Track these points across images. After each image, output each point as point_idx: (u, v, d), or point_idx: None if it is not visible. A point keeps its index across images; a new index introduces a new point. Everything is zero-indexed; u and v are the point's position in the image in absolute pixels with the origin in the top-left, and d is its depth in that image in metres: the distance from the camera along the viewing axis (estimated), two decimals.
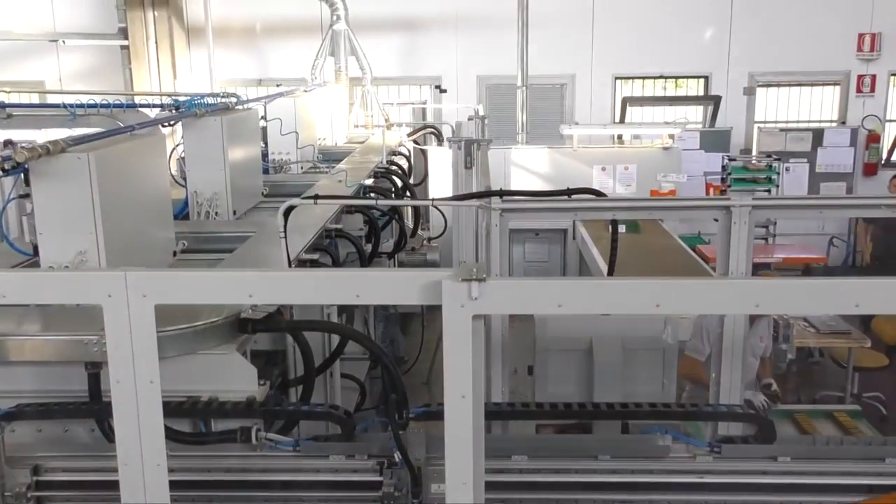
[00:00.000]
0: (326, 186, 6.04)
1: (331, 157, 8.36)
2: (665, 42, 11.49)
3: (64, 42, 9.70)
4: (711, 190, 11.22)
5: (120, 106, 5.83)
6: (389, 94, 11.92)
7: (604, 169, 9.60)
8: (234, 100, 5.90)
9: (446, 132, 9.70)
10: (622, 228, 8.95)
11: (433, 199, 3.61)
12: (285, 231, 3.55)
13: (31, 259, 3.62)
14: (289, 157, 7.15)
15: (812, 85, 11.72)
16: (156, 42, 11.05)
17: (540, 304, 2.25)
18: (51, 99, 11.40)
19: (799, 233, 11.57)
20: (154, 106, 5.84)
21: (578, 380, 3.77)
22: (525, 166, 9.64)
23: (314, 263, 4.05)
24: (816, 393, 7.13)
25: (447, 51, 11.64)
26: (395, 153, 8.52)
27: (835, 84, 11.64)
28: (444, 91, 11.76)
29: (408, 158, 8.93)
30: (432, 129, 10.14)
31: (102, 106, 5.82)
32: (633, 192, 9.64)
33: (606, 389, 3.75)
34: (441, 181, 10.09)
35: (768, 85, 11.71)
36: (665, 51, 11.51)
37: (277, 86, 8.06)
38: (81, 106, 5.81)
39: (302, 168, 7.27)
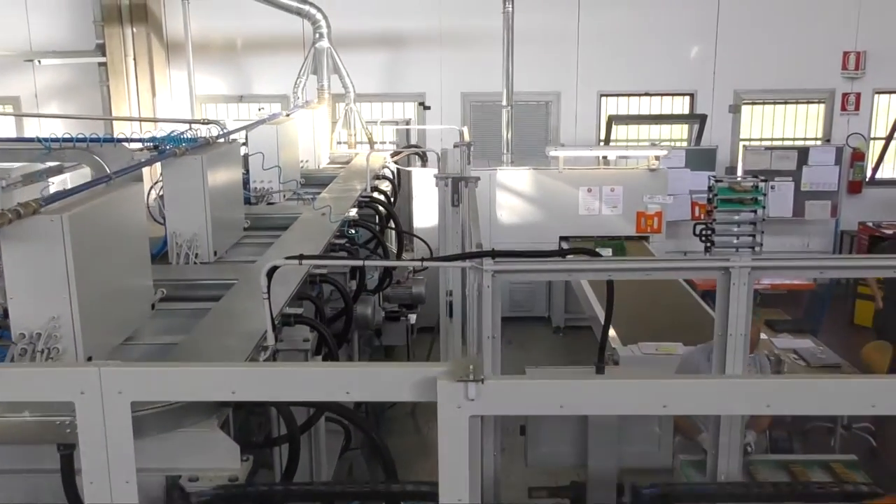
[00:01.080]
0: (310, 220, 5.90)
1: (314, 182, 8.22)
2: (650, 59, 11.43)
3: (39, 62, 9.49)
4: (697, 208, 11.17)
5: (97, 140, 5.70)
6: (373, 111, 11.77)
7: (590, 191, 9.52)
8: (215, 132, 5.75)
9: (431, 159, 9.57)
10: (608, 252, 8.94)
11: (423, 259, 3.48)
12: (269, 292, 3.40)
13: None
14: (271, 186, 6.99)
15: (797, 102, 11.69)
16: (134, 59, 10.84)
17: (541, 406, 2.14)
18: (26, 122, 11.20)
19: (784, 250, 11.56)
20: (132, 140, 5.69)
21: (573, 440, 3.65)
22: (510, 187, 9.55)
23: (298, 318, 3.92)
24: (806, 424, 7.05)
25: (431, 67, 11.52)
26: (378, 177, 8.40)
27: (819, 102, 11.62)
28: (428, 108, 11.64)
29: (392, 181, 8.81)
30: (416, 150, 10.01)
31: (78, 140, 5.69)
32: (618, 214, 9.57)
33: (602, 450, 3.64)
34: (425, 203, 9.98)
35: (753, 102, 11.67)
36: (650, 68, 11.45)
37: (259, 109, 7.90)
38: (57, 140, 5.68)
39: (285, 196, 7.11)
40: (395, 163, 9.49)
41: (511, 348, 8.23)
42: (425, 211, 9.83)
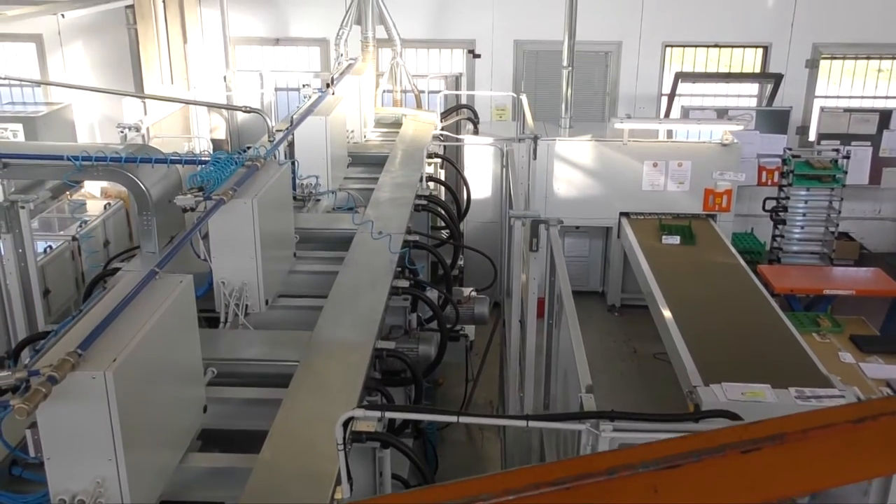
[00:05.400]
0: (365, 247, 5.32)
1: (361, 161, 7.65)
2: (721, 8, 10.45)
3: (63, 16, 8.76)
4: (765, 174, 10.44)
5: (132, 160, 5.15)
6: (418, 59, 10.97)
7: (655, 165, 8.80)
8: (262, 150, 5.15)
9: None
10: (676, 240, 8.32)
11: (528, 417, 2.96)
12: (344, 444, 2.92)
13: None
14: (317, 183, 6.39)
15: (881, 58, 10.72)
16: (163, 0, 10.05)
17: None
18: (49, 61, 10.54)
19: (854, 216, 10.87)
20: (172, 161, 5.13)
21: None
22: (570, 160, 8.85)
23: (370, 436, 3.43)
24: None
25: (482, 12, 10.63)
26: (430, 155, 7.79)
27: None
28: (478, 56, 10.81)
29: (444, 158, 8.19)
30: (467, 113, 9.30)
31: (112, 159, 5.14)
32: (685, 191, 8.88)
33: None
34: (478, 173, 9.36)
35: (833, 57, 10.71)
36: (721, 17, 10.49)
37: (304, 86, 7.20)
38: (88, 158, 5.13)
39: (335, 195, 6.52)
40: (444, 128, 8.86)
41: None
42: (479, 183, 9.23)
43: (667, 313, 6.68)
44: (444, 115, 9.31)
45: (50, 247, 7.69)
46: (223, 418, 3.77)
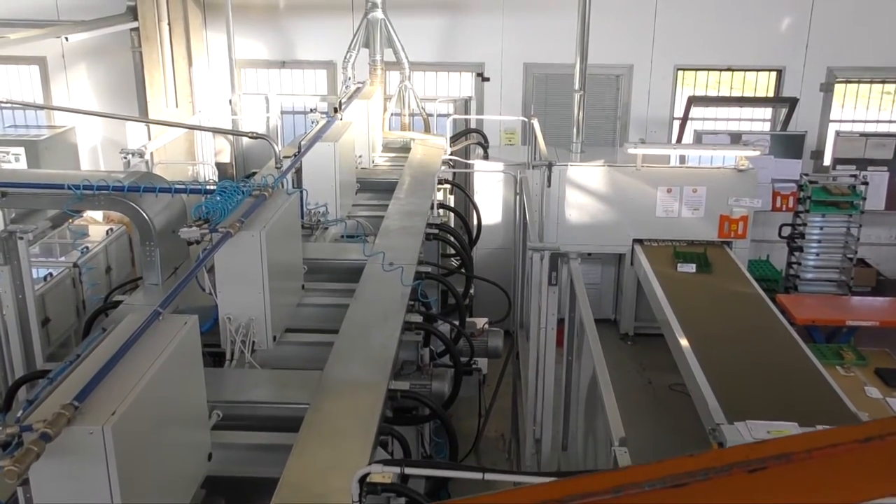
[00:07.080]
0: (375, 280, 5.12)
1: (370, 187, 7.47)
2: (734, 30, 10.31)
3: (67, 39, 8.61)
4: (779, 199, 10.25)
5: (135, 189, 4.97)
6: (426, 82, 10.82)
7: (669, 191, 8.62)
8: (270, 178, 4.96)
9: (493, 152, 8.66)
10: (691, 268, 8.11)
11: (559, 473, 2.76)
12: (360, 501, 2.72)
13: None
14: (326, 212, 6.21)
15: None
16: (169, 23, 9.93)
17: None
18: (52, 83, 10.39)
19: (870, 242, 10.67)
20: (176, 191, 4.94)
21: None
22: (582, 185, 8.67)
23: (385, 488, 3.22)
24: None
25: (491, 35, 10.49)
26: (440, 181, 7.62)
27: None
28: (487, 79, 10.66)
29: (454, 184, 8.02)
30: (477, 137, 9.13)
31: (114, 188, 4.96)
32: (699, 217, 8.69)
33: None
34: (488, 198, 9.19)
35: (848, 81, 10.55)
36: (734, 40, 10.34)
37: (311, 110, 7.05)
38: (90, 187, 4.94)
39: (345, 222, 6.35)
40: (454, 153, 8.69)
41: None
42: (488, 208, 9.06)
43: (685, 343, 6.48)
44: (454, 139, 9.14)
45: (50, 274, 7.51)
46: (229, 465, 3.56)
